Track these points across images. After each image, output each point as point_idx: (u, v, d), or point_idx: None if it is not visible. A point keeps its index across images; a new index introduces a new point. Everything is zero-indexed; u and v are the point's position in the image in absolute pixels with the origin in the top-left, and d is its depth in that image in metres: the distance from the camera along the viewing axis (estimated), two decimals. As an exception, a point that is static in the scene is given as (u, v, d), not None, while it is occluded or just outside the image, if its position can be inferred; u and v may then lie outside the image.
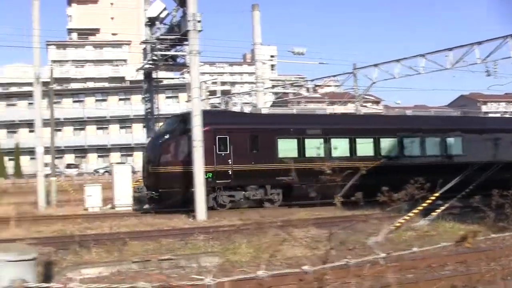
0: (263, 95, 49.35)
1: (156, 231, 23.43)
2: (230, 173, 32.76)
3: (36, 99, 38.78)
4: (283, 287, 9.06)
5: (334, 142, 36.25)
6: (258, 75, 47.79)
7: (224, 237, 20.11)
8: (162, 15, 36.78)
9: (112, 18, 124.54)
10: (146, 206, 34.05)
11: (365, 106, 54.40)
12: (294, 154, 34.42)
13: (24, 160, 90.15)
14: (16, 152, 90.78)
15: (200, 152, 29.57)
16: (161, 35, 36.25)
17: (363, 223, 18.07)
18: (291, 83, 66.79)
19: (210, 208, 31.72)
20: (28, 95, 78.53)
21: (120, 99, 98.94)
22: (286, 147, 34.66)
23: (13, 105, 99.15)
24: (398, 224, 18.82)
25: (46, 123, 41.47)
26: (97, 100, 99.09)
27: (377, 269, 8.46)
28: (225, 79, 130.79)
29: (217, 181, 32.62)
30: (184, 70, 46.99)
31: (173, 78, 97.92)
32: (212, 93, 78.08)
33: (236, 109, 40.07)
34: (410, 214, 20.62)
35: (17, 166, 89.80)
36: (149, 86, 40.77)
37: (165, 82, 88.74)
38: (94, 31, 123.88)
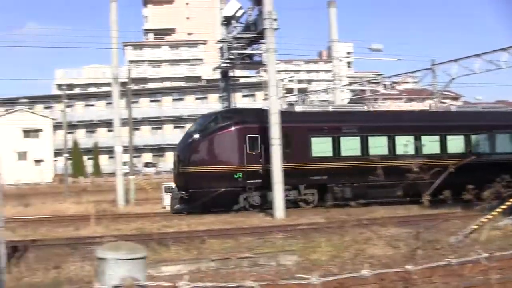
0: (340, 92, 48.96)
1: (234, 229, 23.39)
2: (261, 172, 31.97)
3: (115, 99, 39.38)
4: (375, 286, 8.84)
5: (372, 140, 34.83)
6: (335, 73, 47.46)
7: (303, 236, 19.93)
8: (238, 14, 36.76)
9: (187, 18, 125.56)
10: (177, 207, 33.29)
11: (444, 103, 53.39)
12: (329, 153, 33.72)
13: (103, 159, 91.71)
14: (95, 151, 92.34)
15: (278, 150, 29.46)
16: (237, 33, 36.24)
17: (445, 222, 17.69)
18: (368, 80, 66.12)
19: (242, 209, 31.71)
20: (106, 95, 79.78)
21: (197, 98, 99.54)
22: (320, 146, 33.75)
23: (92, 105, 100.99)
24: (481, 223, 18.33)
25: (124, 123, 42.09)
26: (174, 100, 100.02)
27: (479, 269, 8.19)
28: (301, 77, 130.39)
29: (248, 181, 31.85)
30: (261, 68, 46.99)
31: (249, 77, 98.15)
32: (289, 91, 77.69)
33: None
34: (494, 213, 20.06)
35: (96, 165, 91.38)
36: (226, 85, 40.83)
37: (241, 80, 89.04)
38: (170, 31, 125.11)
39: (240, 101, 74.29)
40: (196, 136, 33.21)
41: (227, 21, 37.38)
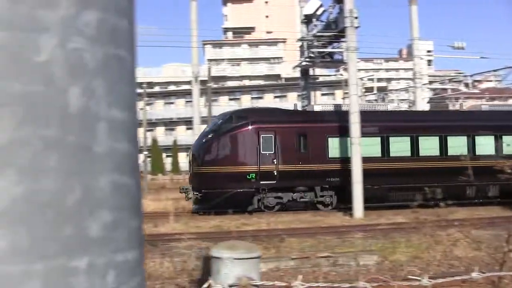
0: (421, 91, 48.35)
1: (313, 228, 23.33)
2: (275, 173, 31.44)
3: (195, 97, 39.79)
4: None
5: (393, 141, 33.61)
6: (415, 71, 46.96)
7: (383, 236, 19.78)
8: (318, 12, 36.78)
9: (266, 17, 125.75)
10: (193, 207, 32.88)
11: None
12: (347, 154, 32.09)
13: (182, 156, 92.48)
14: (173, 149, 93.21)
15: (358, 150, 29.27)
16: (318, 32, 36.22)
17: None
18: (449, 78, 65.15)
19: (257, 210, 31.30)
20: (185, 94, 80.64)
21: (276, 97, 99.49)
22: (338, 147, 32.80)
23: (171, 103, 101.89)
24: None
25: (203, 121, 42.45)
26: (253, 98, 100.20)
27: None
28: (381, 75, 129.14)
29: (261, 182, 31.28)
30: (341, 66, 46.85)
31: (329, 75, 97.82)
32: (368, 89, 77.17)
33: (393, 106, 38.85)
34: None
35: (175, 163, 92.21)
36: (306, 83, 40.79)
37: (320, 79, 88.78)
38: (249, 30, 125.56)
39: (319, 99, 74.04)
40: (210, 136, 32.82)
41: (308, 19, 37.44)
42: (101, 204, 0.88)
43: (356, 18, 29.99)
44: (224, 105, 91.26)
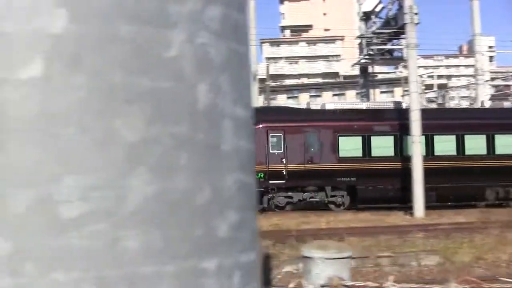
0: (482, 88, 47.73)
1: (373, 228, 23.19)
2: (284, 173, 31.09)
3: (253, 95, 40.08)
4: None
5: (407, 140, 31.88)
6: (477, 68, 46.38)
7: (444, 236, 19.60)
8: (377, 9, 36.62)
9: (324, 14, 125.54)
10: None
11: None
12: (358, 153, 31.86)
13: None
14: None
15: (418, 148, 28.98)
16: (377, 29, 36.01)
17: None
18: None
19: (266, 210, 30.83)
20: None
21: (334, 95, 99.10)
22: (349, 146, 31.86)
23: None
24: None
25: (262, 119, 42.68)
26: (311, 96, 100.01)
27: None
28: (441, 72, 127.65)
29: (270, 182, 30.78)
30: (400, 64, 46.54)
31: (388, 73, 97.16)
32: (428, 87, 76.39)
33: (454, 103, 38.40)
34: None
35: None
36: (365, 81, 40.61)
37: (379, 76, 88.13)
38: (307, 28, 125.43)
39: (378, 97, 73.53)
40: None
41: (366, 16, 37.32)
42: (228, 203, 0.87)
43: (416, 14, 29.81)
44: (282, 103, 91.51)
